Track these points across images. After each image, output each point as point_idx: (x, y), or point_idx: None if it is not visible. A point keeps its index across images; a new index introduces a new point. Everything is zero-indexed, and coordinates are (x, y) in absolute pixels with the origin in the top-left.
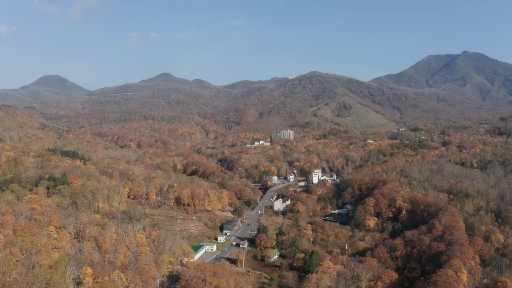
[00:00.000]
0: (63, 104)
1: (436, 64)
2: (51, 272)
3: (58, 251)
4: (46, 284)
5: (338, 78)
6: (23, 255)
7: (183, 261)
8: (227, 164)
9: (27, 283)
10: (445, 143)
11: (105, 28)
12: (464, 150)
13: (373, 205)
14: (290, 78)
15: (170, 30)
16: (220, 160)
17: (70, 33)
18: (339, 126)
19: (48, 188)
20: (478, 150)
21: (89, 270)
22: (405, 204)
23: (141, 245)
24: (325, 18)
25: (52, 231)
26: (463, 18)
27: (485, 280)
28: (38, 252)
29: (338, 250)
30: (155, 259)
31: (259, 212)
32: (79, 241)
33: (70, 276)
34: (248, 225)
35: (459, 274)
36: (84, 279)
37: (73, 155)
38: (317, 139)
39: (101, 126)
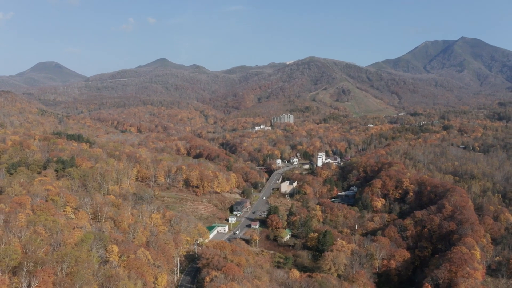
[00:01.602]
0: (61, 90)
1: (434, 49)
2: (79, 250)
3: (80, 230)
4: (75, 262)
5: (336, 63)
6: (47, 233)
7: (198, 241)
8: (229, 148)
9: (57, 261)
10: (446, 127)
11: (103, 13)
12: (465, 134)
13: (380, 187)
14: (288, 63)
15: (167, 16)
16: (222, 144)
17: (67, 19)
18: (338, 110)
19: (57, 171)
20: (479, 134)
21: (115, 248)
22: (412, 185)
23: (157, 225)
24: (322, 2)
25: (69, 212)
26: (461, 4)
27: (497, 257)
28: (60, 231)
29: (348, 231)
30: (173, 238)
31: (264, 198)
32: (96, 221)
33: (96, 254)
34: (253, 212)
35: (472, 251)
36: (110, 257)
37: (78, 138)
38: (318, 123)
39: (100, 112)
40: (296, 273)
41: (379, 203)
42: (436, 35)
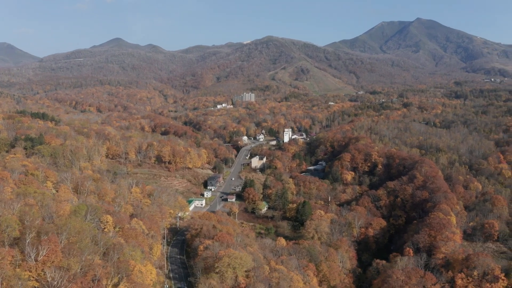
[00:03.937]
0: (14, 71)
1: (390, 30)
2: (76, 221)
3: (68, 203)
4: (76, 233)
5: (294, 43)
6: (37, 206)
7: (179, 214)
8: (193, 126)
9: (57, 233)
10: (406, 105)
11: None
12: (425, 111)
13: (349, 160)
14: (245, 43)
15: None
16: (185, 123)
17: None
18: (298, 89)
19: (25, 149)
20: (439, 111)
21: (109, 218)
22: (380, 158)
23: (139, 199)
24: None
25: (50, 186)
26: None
27: (471, 223)
28: (50, 204)
29: (322, 202)
30: (159, 211)
31: (235, 174)
32: (78, 196)
33: (92, 224)
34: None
35: (448, 217)
36: (105, 227)
37: (43, 116)
38: (279, 102)
39: (56, 92)
40: (282, 241)
41: (349, 176)
42: (392, 16)
